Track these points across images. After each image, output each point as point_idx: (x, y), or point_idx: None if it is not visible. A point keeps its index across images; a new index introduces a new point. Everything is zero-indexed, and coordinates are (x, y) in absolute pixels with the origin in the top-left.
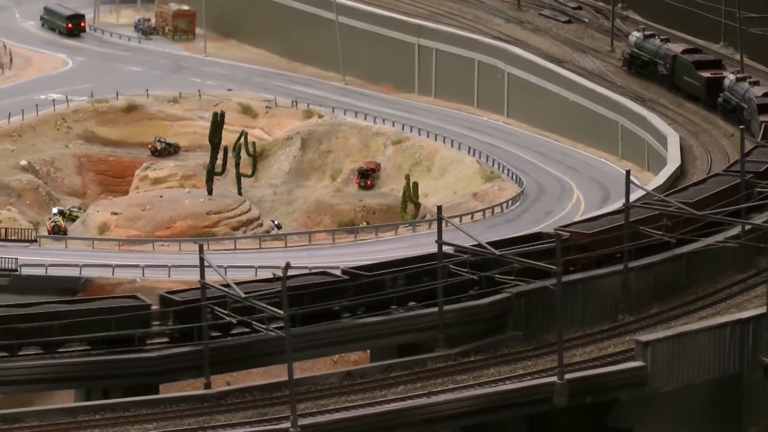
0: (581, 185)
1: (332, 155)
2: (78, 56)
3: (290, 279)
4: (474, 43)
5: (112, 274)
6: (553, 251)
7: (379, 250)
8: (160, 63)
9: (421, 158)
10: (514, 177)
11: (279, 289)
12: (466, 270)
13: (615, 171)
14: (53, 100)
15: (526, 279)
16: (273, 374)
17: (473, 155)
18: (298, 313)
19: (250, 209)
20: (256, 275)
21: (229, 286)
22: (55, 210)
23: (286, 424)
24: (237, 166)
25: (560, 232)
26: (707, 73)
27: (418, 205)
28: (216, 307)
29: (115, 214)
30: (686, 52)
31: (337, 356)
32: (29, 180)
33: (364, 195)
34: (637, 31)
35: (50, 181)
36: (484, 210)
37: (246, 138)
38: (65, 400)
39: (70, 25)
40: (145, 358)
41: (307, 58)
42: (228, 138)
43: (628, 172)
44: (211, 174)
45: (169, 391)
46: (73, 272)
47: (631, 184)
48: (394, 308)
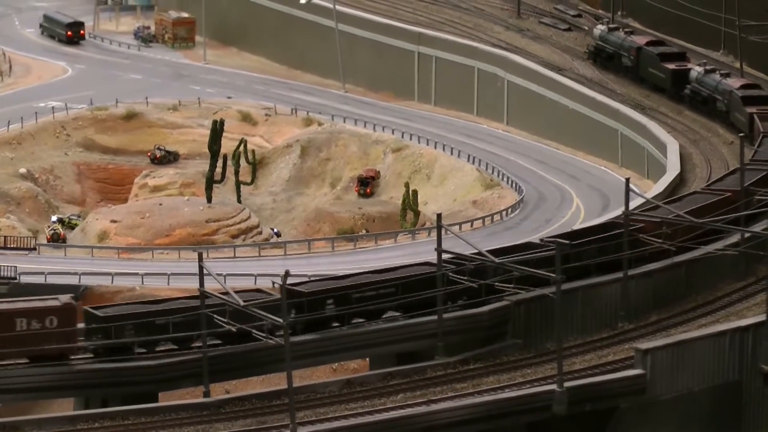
0: (581, 193)
1: (332, 163)
2: (77, 64)
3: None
4: (474, 51)
5: (112, 282)
6: (551, 259)
7: (379, 258)
8: (160, 71)
9: (421, 166)
10: (514, 185)
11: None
12: (465, 278)
13: (615, 179)
14: (53, 107)
15: (526, 287)
16: (272, 382)
17: (473, 163)
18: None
19: (249, 217)
20: (255, 283)
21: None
22: (54, 218)
23: None
24: (236, 173)
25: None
26: (672, 65)
27: (417, 213)
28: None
29: (114, 221)
30: (650, 44)
31: (337, 364)
32: (28, 188)
33: (364, 203)
34: (602, 24)
35: (49, 188)
36: (483, 218)
37: (245, 146)
38: (64, 408)
39: (69, 33)
40: (144, 366)
41: (307, 66)
42: (227, 146)
43: (628, 180)
44: (211, 182)
45: (168, 400)
46: (73, 280)
47: (631, 192)
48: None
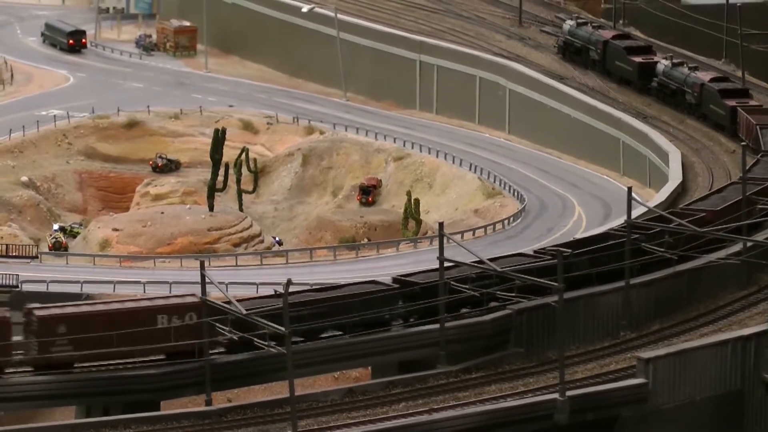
0: (583, 202)
1: (333, 171)
2: (79, 72)
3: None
4: (475, 59)
5: (113, 291)
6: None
7: (381, 267)
8: (162, 79)
9: (423, 175)
10: (516, 193)
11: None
12: (467, 287)
13: (616, 187)
14: (54, 116)
15: (528, 296)
16: (274, 391)
17: (475, 172)
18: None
19: (251, 226)
20: (257, 292)
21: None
22: (56, 226)
23: None
24: (238, 182)
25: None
26: (639, 58)
27: (419, 222)
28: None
29: (116, 230)
30: (616, 38)
31: (338, 373)
32: (30, 196)
33: (366, 211)
34: (571, 19)
35: (51, 197)
36: (485, 226)
37: (247, 154)
38: (66, 416)
39: (71, 41)
40: (146, 374)
41: (309, 74)
42: (229, 154)
43: (630, 189)
44: (213, 190)
45: (170, 408)
46: (74, 288)
47: (633, 201)
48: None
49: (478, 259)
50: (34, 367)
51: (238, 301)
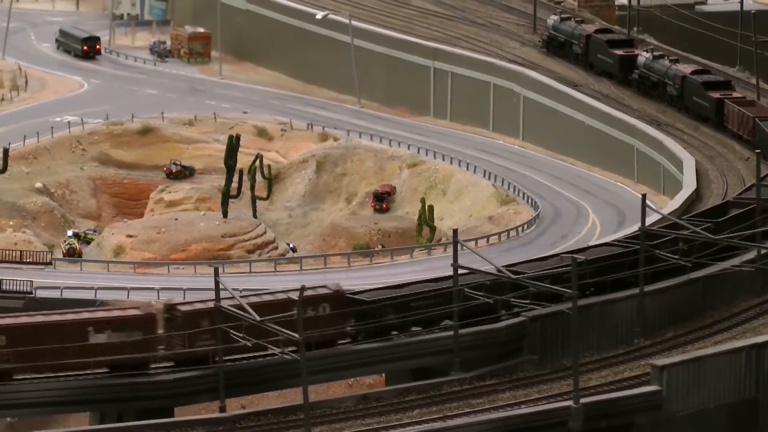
0: (597, 209)
1: (347, 178)
2: (93, 79)
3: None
4: (489, 66)
5: (127, 297)
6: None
7: (395, 274)
8: (176, 85)
9: (437, 181)
10: (530, 200)
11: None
12: (481, 294)
13: (630, 195)
14: (68, 122)
15: (542, 303)
16: (288, 398)
17: (489, 179)
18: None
19: (265, 232)
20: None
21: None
22: (70, 232)
23: None
24: (252, 188)
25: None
26: (620, 51)
27: (433, 229)
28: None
29: (130, 236)
30: (599, 32)
31: (352, 380)
32: (44, 202)
33: (380, 218)
34: (554, 14)
35: (65, 203)
36: (499, 233)
37: (261, 161)
38: (80, 423)
39: (85, 48)
40: (160, 381)
41: (323, 81)
42: (243, 161)
43: (644, 196)
44: (227, 197)
45: (183, 415)
46: (88, 295)
47: (647, 208)
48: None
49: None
50: (176, 362)
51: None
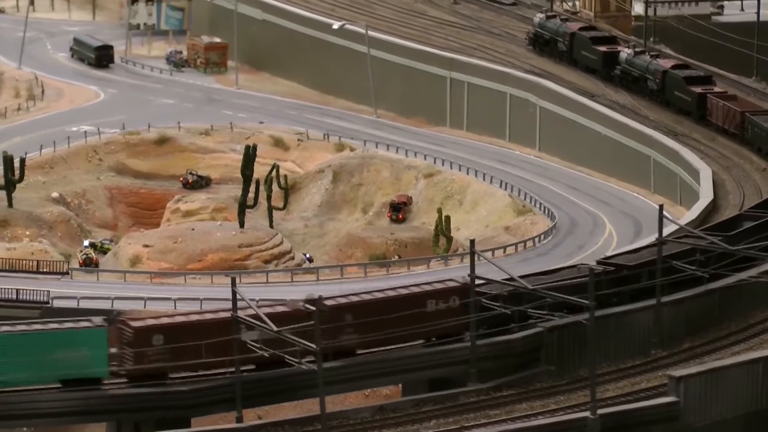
0: (613, 219)
1: (364, 188)
2: (110, 88)
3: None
4: (506, 76)
5: (144, 307)
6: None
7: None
8: (192, 95)
9: (453, 192)
10: (546, 211)
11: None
12: (498, 305)
13: (647, 205)
14: (85, 132)
15: (559, 313)
16: (305, 408)
17: (505, 189)
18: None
19: (281, 242)
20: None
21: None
22: (86, 242)
23: None
24: (268, 198)
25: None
26: (603, 48)
27: (450, 239)
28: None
29: (146, 246)
30: (583, 30)
31: (369, 390)
32: (60, 212)
33: (396, 228)
34: (541, 12)
35: (81, 213)
36: (516, 244)
37: (278, 171)
38: None
39: (98, 56)
40: (177, 391)
41: (339, 91)
42: (260, 171)
43: (662, 207)
44: (243, 207)
45: (200, 425)
46: (105, 305)
47: (664, 219)
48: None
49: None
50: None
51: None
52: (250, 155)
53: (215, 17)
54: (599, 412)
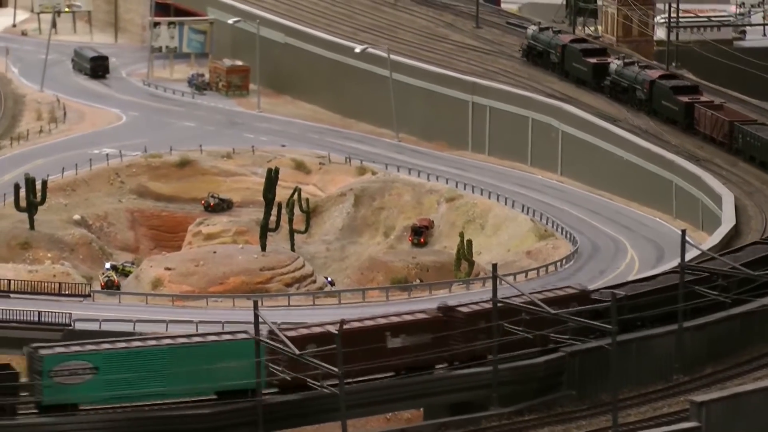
0: (635, 244)
1: (385, 212)
2: (131, 111)
3: None
4: (528, 100)
5: (166, 330)
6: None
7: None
8: (214, 118)
9: (475, 216)
10: (568, 235)
11: None
12: (520, 329)
13: (669, 230)
14: (107, 154)
15: (581, 338)
16: (326, 431)
17: (527, 213)
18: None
19: (303, 266)
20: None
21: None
22: (108, 265)
23: None
24: (290, 222)
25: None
26: (594, 59)
27: (472, 263)
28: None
29: (168, 269)
30: (574, 42)
31: (390, 414)
32: (82, 234)
33: (418, 252)
34: (534, 24)
35: (103, 235)
36: (538, 268)
37: (299, 194)
38: None
39: (93, 67)
40: (199, 414)
41: (361, 114)
42: (281, 194)
43: (684, 232)
44: (265, 230)
45: None
46: (127, 327)
47: (687, 244)
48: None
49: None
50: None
51: None
52: (272, 178)
53: (237, 40)
54: None
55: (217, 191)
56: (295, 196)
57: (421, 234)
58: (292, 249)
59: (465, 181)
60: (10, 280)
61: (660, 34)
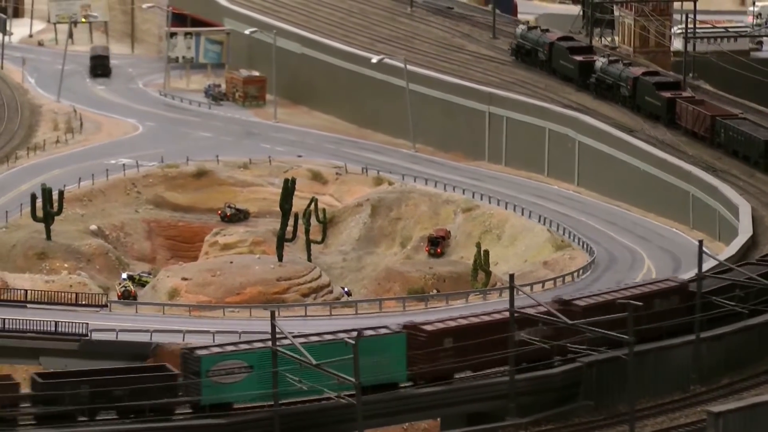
0: (652, 255)
1: (402, 222)
2: (148, 121)
3: None
4: (545, 111)
5: (183, 340)
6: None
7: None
8: (231, 129)
9: (491, 226)
10: (585, 246)
11: None
12: (538, 339)
13: (686, 241)
14: (123, 164)
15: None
16: None
17: (543, 224)
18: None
19: (320, 276)
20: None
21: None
22: (124, 275)
23: None
24: (307, 232)
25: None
26: (580, 57)
27: (488, 274)
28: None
29: (185, 279)
30: (560, 40)
31: (408, 424)
32: (99, 245)
33: (434, 262)
34: (523, 24)
35: (120, 245)
36: (555, 279)
37: (316, 204)
38: None
39: (94, 65)
40: (216, 424)
41: (378, 125)
42: (298, 204)
43: (701, 242)
44: (282, 240)
45: None
46: (144, 338)
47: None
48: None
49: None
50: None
51: None
52: (288, 189)
53: (254, 51)
54: None
55: (234, 201)
56: (312, 207)
57: (437, 244)
58: (309, 259)
59: (482, 192)
60: (26, 291)
61: (677, 44)
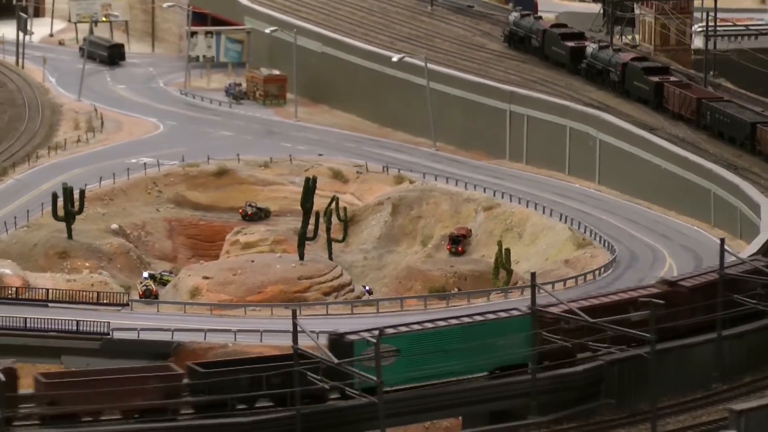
0: (673, 253)
1: (423, 221)
2: (169, 120)
3: None
4: (565, 109)
5: (204, 339)
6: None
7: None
8: (251, 128)
9: (513, 225)
10: (606, 244)
11: None
12: (559, 337)
13: (707, 239)
14: (144, 163)
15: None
16: None
17: (565, 222)
18: None
19: (341, 274)
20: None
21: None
22: (145, 274)
23: None
24: (328, 231)
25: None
26: (571, 43)
27: (510, 272)
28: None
29: (206, 278)
30: (554, 26)
31: (429, 423)
32: (120, 244)
33: (456, 261)
34: (515, 11)
35: (141, 245)
36: (576, 277)
37: (337, 203)
38: None
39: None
40: (237, 423)
41: (398, 123)
42: (319, 203)
43: (723, 240)
44: (303, 239)
45: None
46: (165, 336)
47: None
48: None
49: None
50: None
51: None
52: (309, 187)
53: (274, 50)
54: None
55: (255, 200)
56: (333, 205)
57: (458, 243)
58: (330, 258)
59: (503, 190)
60: (48, 290)
61: (698, 42)
